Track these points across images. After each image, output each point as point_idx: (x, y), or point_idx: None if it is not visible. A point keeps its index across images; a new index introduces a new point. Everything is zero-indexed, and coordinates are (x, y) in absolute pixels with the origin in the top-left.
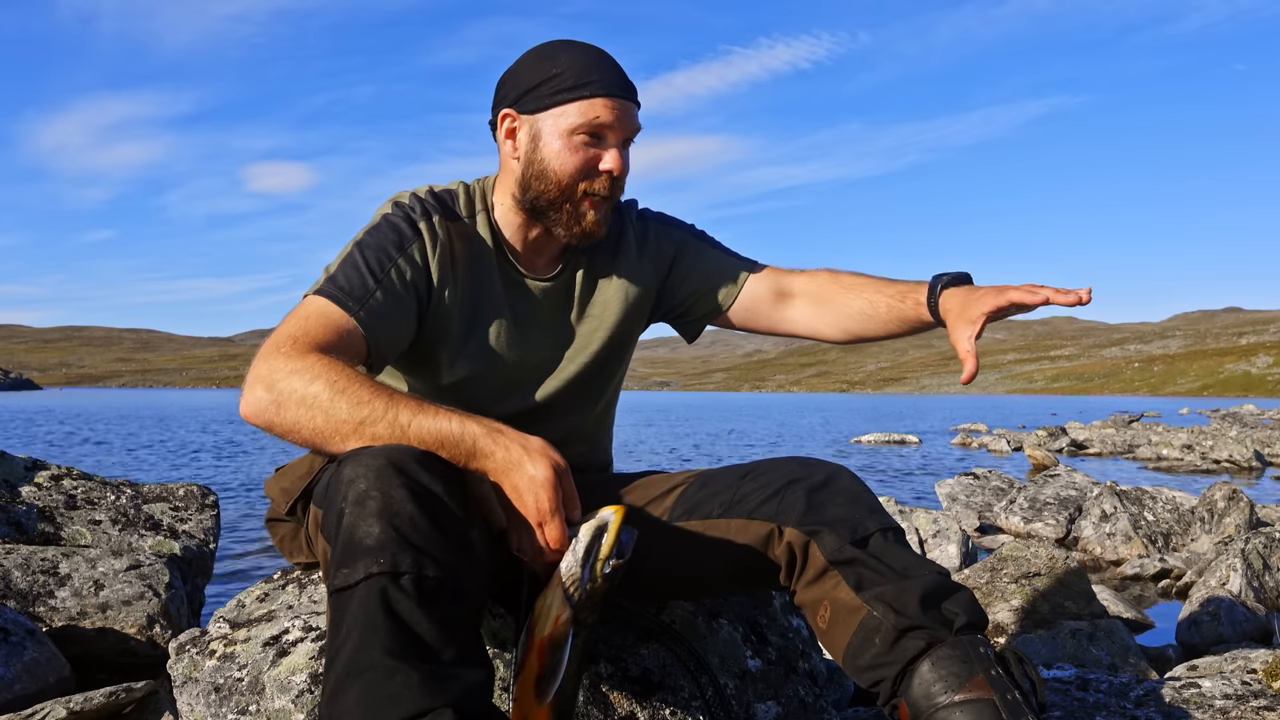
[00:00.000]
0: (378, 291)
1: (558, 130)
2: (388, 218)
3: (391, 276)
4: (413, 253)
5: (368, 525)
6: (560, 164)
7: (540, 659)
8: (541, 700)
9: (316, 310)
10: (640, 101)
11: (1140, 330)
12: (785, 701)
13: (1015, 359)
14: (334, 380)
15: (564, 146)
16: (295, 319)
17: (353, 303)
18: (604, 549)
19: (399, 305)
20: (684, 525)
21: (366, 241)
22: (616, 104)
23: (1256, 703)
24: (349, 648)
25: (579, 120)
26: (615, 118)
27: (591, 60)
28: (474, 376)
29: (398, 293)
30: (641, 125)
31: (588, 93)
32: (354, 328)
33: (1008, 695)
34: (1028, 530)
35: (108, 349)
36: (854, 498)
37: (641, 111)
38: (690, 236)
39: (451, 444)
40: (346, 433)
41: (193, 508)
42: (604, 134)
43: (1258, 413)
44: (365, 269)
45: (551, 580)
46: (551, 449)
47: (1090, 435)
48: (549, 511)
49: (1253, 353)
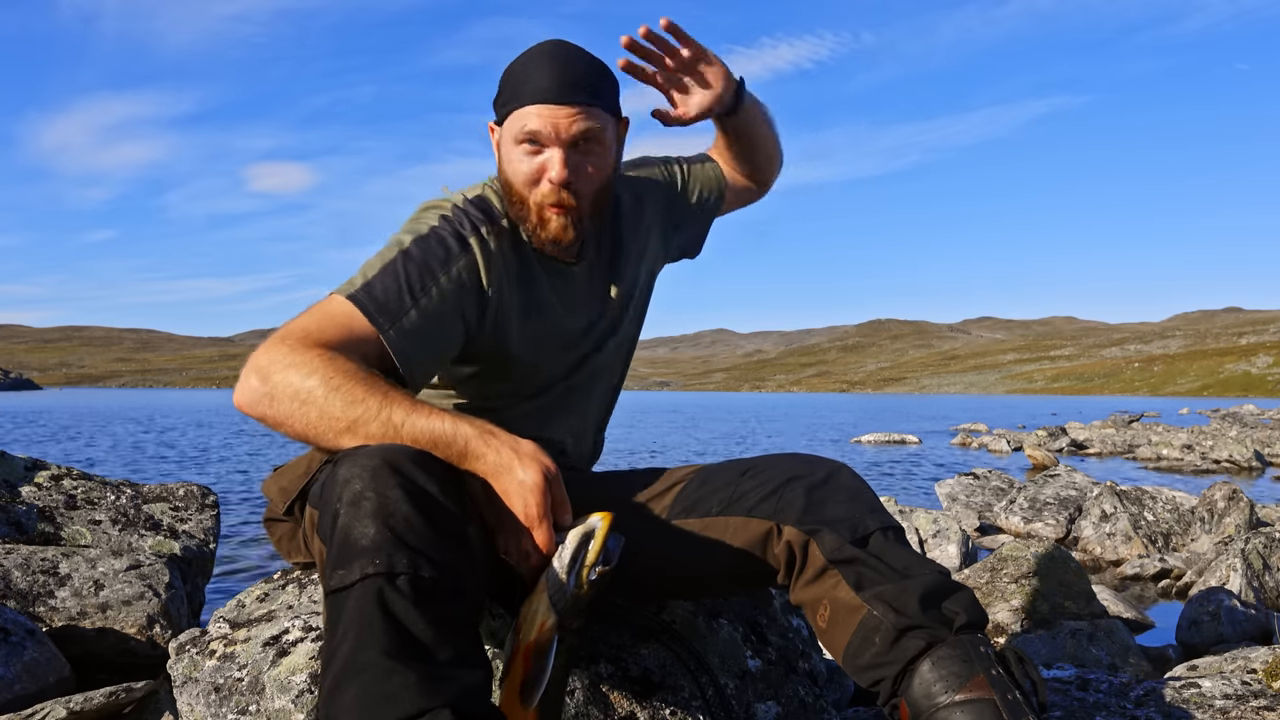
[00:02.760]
0: (412, 311)
1: (509, 141)
2: (436, 230)
3: (432, 296)
4: (460, 271)
5: (363, 526)
6: (512, 174)
7: (525, 664)
8: (526, 705)
9: (341, 313)
10: (595, 102)
11: (1140, 330)
12: (785, 701)
13: (1015, 359)
14: (329, 377)
15: (515, 157)
16: (314, 315)
17: (384, 319)
18: (590, 555)
19: (437, 326)
20: (683, 523)
21: (412, 253)
22: (545, 110)
23: (1256, 703)
24: (346, 648)
25: (518, 130)
26: (543, 124)
27: (531, 67)
28: (537, 367)
29: (436, 313)
30: (600, 124)
31: (518, 103)
32: (376, 342)
33: (1008, 695)
34: (1028, 530)
35: (108, 349)
36: (854, 496)
37: (641, 111)
38: (662, 167)
39: (444, 444)
40: (339, 430)
41: (193, 508)
42: (540, 141)
43: (1258, 413)
44: (405, 285)
45: (538, 585)
46: (543, 453)
47: (1090, 435)
48: (537, 517)
49: (1253, 353)
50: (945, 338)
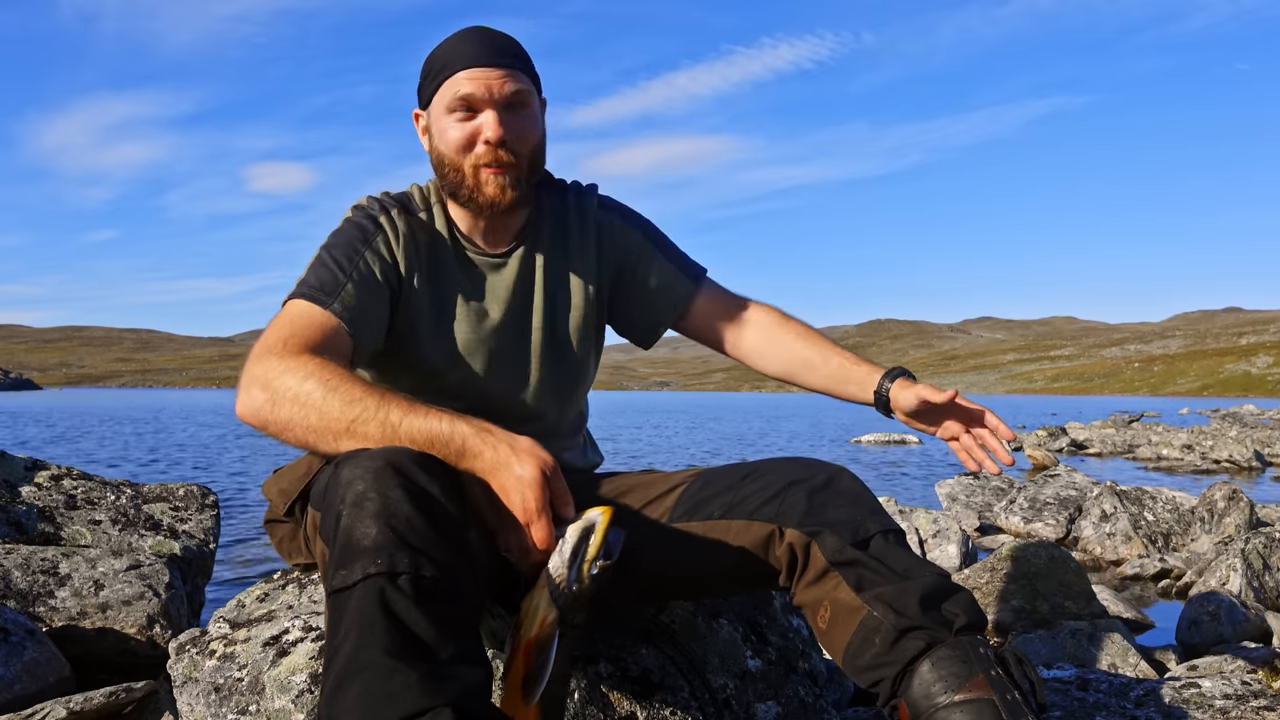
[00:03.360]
0: (349, 284)
1: (440, 114)
2: (350, 220)
3: (360, 268)
4: (378, 245)
5: (365, 526)
6: (445, 145)
7: (526, 660)
8: (528, 701)
9: (298, 312)
10: (521, 68)
11: (1140, 330)
12: (785, 701)
13: (1015, 359)
14: (326, 379)
15: (447, 127)
16: (280, 323)
17: (327, 297)
18: (591, 550)
19: (371, 295)
20: (684, 526)
21: (332, 242)
22: (478, 72)
23: (1256, 703)
24: (347, 647)
25: (450, 98)
26: (476, 86)
27: (457, 40)
28: (447, 361)
29: (369, 283)
30: (528, 89)
31: (449, 72)
32: (335, 323)
33: (1007, 695)
34: (1028, 530)
35: (108, 349)
36: (855, 499)
37: (642, 111)
38: (647, 241)
39: (441, 443)
40: (339, 430)
41: (193, 508)
42: (474, 104)
43: (1258, 413)
44: (334, 265)
45: (538, 581)
46: (540, 448)
47: (1090, 435)
48: (535, 511)
49: (1253, 353)
50: (945, 338)
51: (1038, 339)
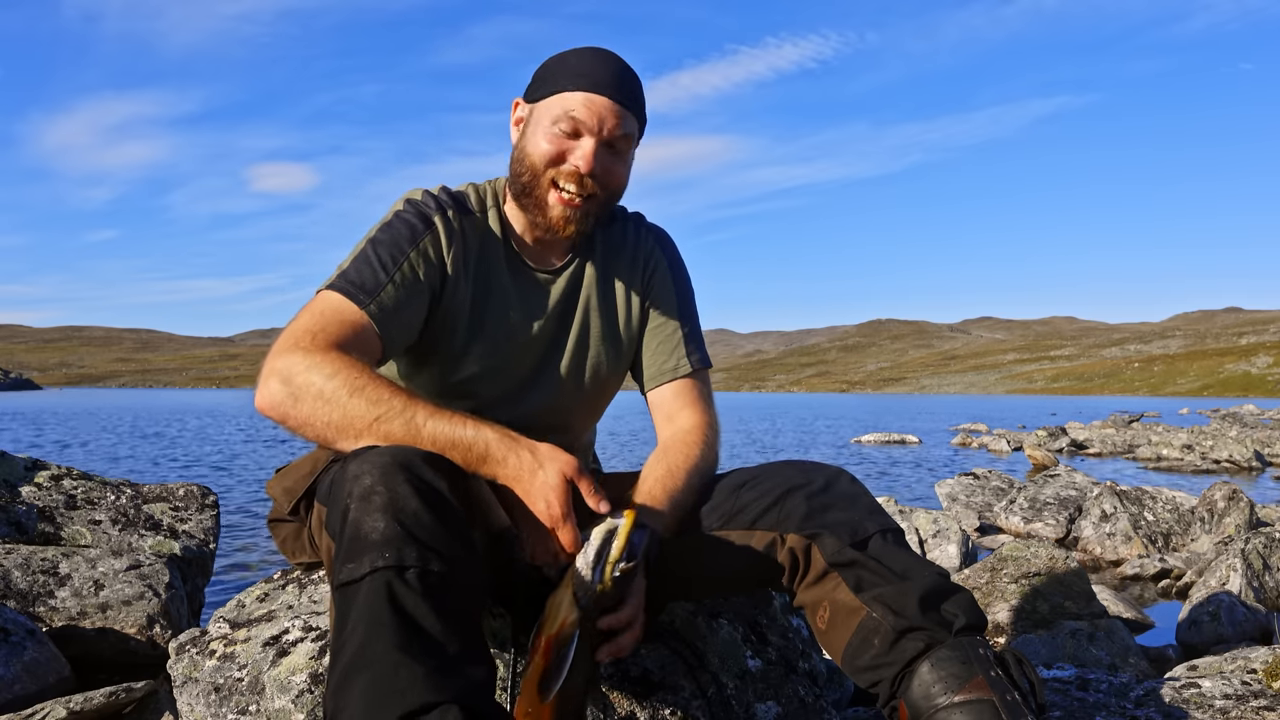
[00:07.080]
0: (389, 285)
1: (543, 118)
2: (400, 214)
3: (404, 270)
4: (425, 247)
5: (373, 520)
6: (534, 147)
7: (545, 657)
8: (543, 698)
9: (331, 306)
10: (635, 110)
11: (1140, 330)
12: (785, 701)
13: (1015, 359)
14: (352, 378)
15: (543, 134)
16: (310, 314)
17: (364, 296)
18: (614, 552)
19: (410, 298)
20: (683, 540)
21: (379, 238)
22: (595, 101)
23: (1256, 703)
24: (355, 641)
25: (559, 111)
26: (590, 114)
27: (591, 62)
28: (483, 366)
29: (409, 286)
30: (634, 133)
31: (571, 87)
32: (367, 322)
33: (1007, 696)
34: (1028, 530)
35: (108, 349)
36: (853, 500)
37: (646, 110)
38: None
39: (464, 447)
40: (361, 429)
41: (193, 508)
42: (579, 129)
43: (1258, 413)
44: (377, 263)
45: (563, 581)
46: (562, 453)
47: (1090, 435)
48: (560, 516)
49: (1253, 353)
50: (945, 338)
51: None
